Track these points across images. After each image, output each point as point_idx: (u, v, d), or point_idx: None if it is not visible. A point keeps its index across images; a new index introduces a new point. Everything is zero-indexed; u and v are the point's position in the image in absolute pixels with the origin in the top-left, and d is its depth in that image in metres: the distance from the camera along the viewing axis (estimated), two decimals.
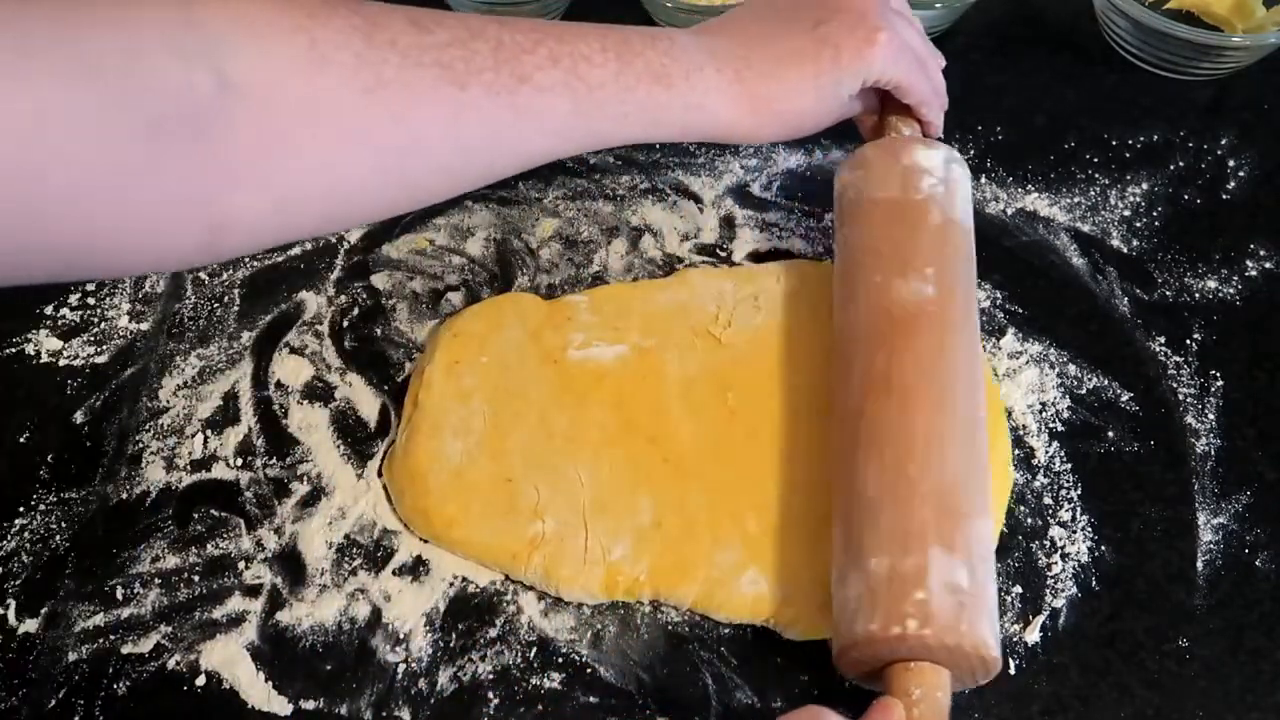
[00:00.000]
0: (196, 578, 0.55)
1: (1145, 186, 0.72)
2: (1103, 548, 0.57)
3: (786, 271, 0.65)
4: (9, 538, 0.56)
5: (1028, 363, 0.63)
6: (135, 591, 0.55)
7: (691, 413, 0.59)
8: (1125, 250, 0.68)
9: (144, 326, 0.64)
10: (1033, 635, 0.54)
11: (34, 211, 0.36)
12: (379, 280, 0.66)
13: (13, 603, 0.54)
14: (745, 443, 0.58)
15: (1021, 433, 0.60)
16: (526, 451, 0.58)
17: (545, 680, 0.53)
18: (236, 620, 0.54)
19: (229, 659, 0.53)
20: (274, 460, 0.59)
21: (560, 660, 0.53)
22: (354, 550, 0.56)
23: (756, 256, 0.68)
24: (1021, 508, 0.58)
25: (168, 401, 0.61)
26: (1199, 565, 0.56)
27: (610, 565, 0.54)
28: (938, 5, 0.77)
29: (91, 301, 0.65)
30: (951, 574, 0.46)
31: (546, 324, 0.63)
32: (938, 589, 0.46)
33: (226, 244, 0.43)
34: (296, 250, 0.68)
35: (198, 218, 0.41)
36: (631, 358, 0.61)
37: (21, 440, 0.60)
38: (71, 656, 0.53)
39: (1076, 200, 0.71)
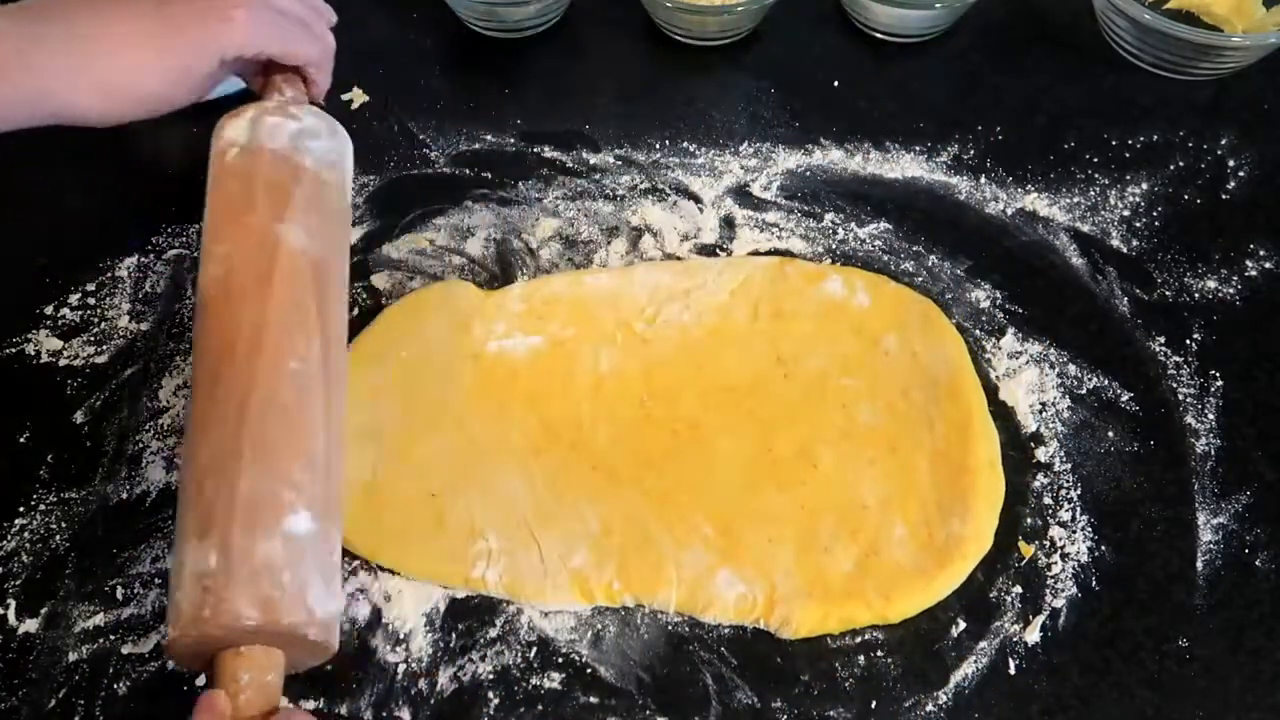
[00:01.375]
0: None
1: (1145, 186, 0.72)
2: (1103, 548, 0.57)
3: (733, 268, 0.65)
4: (9, 538, 0.56)
5: (1028, 363, 0.63)
6: (135, 591, 0.55)
7: (605, 413, 0.59)
8: (1125, 250, 0.68)
9: (144, 326, 0.64)
10: (1033, 635, 0.54)
11: None
12: (379, 280, 0.66)
13: (13, 603, 0.54)
14: (670, 445, 0.58)
15: (1021, 433, 0.60)
16: (446, 461, 0.57)
17: (545, 680, 0.53)
18: None
19: None
20: None
21: (560, 660, 0.53)
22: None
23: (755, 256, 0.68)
24: (1021, 508, 0.58)
25: (168, 401, 0.61)
26: (1199, 565, 0.56)
27: (574, 573, 0.54)
28: (938, 5, 0.77)
29: (91, 301, 0.65)
30: (200, 563, 0.45)
31: (477, 315, 0.62)
32: (189, 584, 0.45)
33: None
34: None
35: None
36: (544, 350, 0.61)
37: (21, 440, 0.60)
38: (71, 656, 0.53)
39: (1076, 200, 0.71)
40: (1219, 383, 0.62)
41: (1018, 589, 0.55)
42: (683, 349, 0.62)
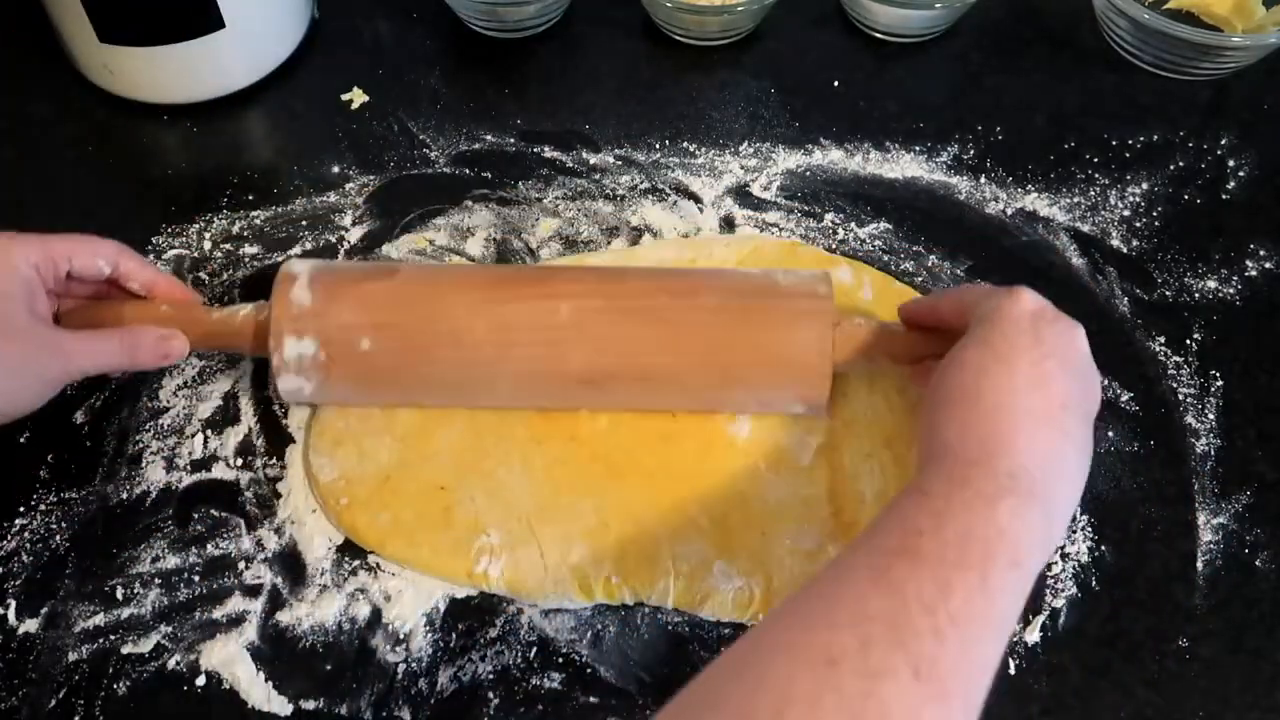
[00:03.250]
0: (196, 578, 0.55)
1: (1145, 186, 0.72)
2: (1103, 548, 0.57)
3: (740, 241, 0.66)
4: (9, 538, 0.56)
5: None
6: (135, 591, 0.55)
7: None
8: (1125, 250, 0.68)
9: None
10: (1033, 635, 0.54)
11: None
12: None
13: (13, 603, 0.54)
14: (668, 429, 0.58)
15: None
16: (457, 454, 0.57)
17: (545, 680, 0.53)
18: (236, 620, 0.54)
19: (229, 659, 0.53)
20: (274, 460, 0.59)
21: (560, 660, 0.53)
22: (354, 550, 0.56)
23: None
24: None
25: (168, 401, 0.61)
26: (1199, 565, 0.56)
27: (573, 569, 0.54)
28: (938, 5, 0.77)
29: None
30: None
31: None
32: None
33: None
34: (296, 250, 0.68)
35: None
36: None
37: (21, 440, 0.59)
38: (71, 656, 0.53)
39: (1076, 200, 0.71)
40: (1219, 383, 0.62)
41: None
42: None
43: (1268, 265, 0.68)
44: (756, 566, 0.54)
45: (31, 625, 0.54)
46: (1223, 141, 0.74)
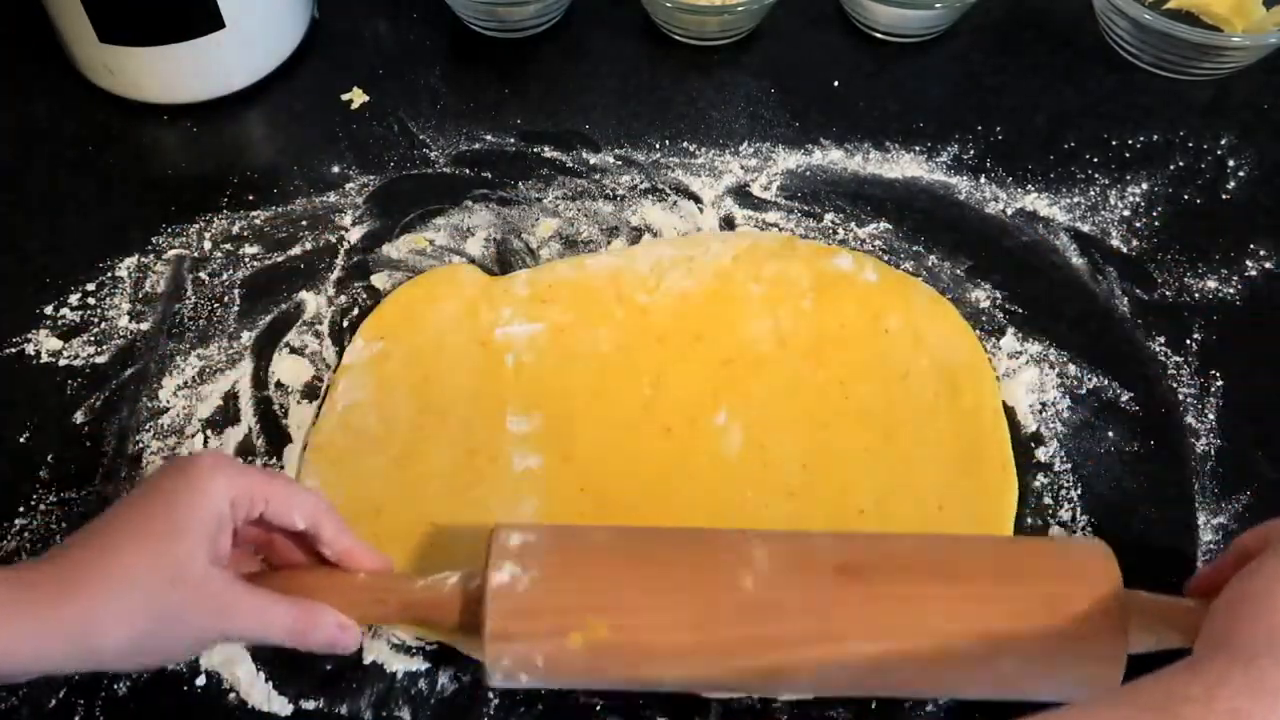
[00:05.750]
0: None
1: (1145, 186, 0.72)
2: None
3: (739, 236, 0.66)
4: (9, 538, 0.56)
5: (1028, 363, 0.63)
6: None
7: (602, 409, 0.58)
8: (1125, 250, 0.68)
9: (144, 326, 0.64)
10: None
11: None
12: (379, 280, 0.66)
13: None
14: (661, 450, 0.57)
15: (1021, 433, 0.60)
16: (449, 481, 0.56)
17: None
18: None
19: (229, 659, 0.52)
20: (274, 460, 0.59)
21: None
22: None
23: None
24: (1021, 507, 0.58)
25: (168, 401, 0.61)
26: (1199, 565, 0.56)
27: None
28: (938, 5, 0.77)
29: (91, 301, 0.65)
30: None
31: (482, 297, 0.63)
32: None
33: None
34: (297, 250, 0.68)
35: None
36: (546, 338, 0.61)
37: (21, 440, 0.59)
38: None
39: (1076, 200, 0.71)
40: (1219, 383, 0.62)
41: None
42: (683, 318, 0.62)
43: (1268, 265, 0.68)
44: None
45: None
46: (1223, 141, 0.74)
